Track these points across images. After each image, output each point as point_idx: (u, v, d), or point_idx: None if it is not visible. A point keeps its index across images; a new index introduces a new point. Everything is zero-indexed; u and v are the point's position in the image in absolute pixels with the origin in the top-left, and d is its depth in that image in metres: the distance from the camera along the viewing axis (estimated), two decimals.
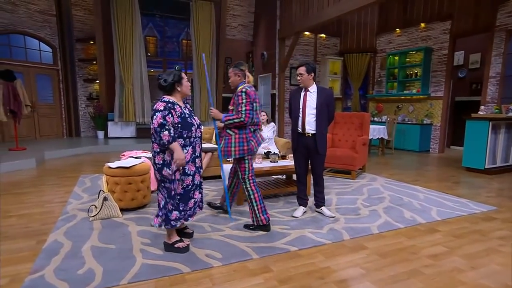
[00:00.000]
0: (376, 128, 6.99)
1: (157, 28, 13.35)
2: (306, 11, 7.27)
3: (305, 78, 2.94)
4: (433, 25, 7.64)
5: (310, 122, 2.97)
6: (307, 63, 2.94)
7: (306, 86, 2.98)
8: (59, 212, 3.20)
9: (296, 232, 2.76)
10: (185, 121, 2.27)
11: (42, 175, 4.89)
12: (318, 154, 3.02)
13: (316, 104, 2.95)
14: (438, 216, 3.22)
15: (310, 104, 2.97)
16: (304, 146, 3.04)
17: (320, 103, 2.94)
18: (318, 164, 3.08)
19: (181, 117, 2.26)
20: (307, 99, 2.98)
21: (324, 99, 2.96)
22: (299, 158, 3.14)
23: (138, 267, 2.13)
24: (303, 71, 2.92)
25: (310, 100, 2.97)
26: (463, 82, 8.33)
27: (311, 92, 2.98)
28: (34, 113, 7.97)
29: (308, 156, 3.10)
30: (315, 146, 2.98)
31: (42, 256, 2.27)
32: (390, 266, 2.21)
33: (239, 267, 2.17)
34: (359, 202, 3.68)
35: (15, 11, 7.61)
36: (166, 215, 2.31)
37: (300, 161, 3.15)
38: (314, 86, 3.00)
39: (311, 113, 2.97)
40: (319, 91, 2.98)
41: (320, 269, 2.17)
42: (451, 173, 5.36)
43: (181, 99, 2.37)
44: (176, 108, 2.25)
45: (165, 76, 2.29)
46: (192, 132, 2.30)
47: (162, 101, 2.23)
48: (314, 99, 2.96)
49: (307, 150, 3.05)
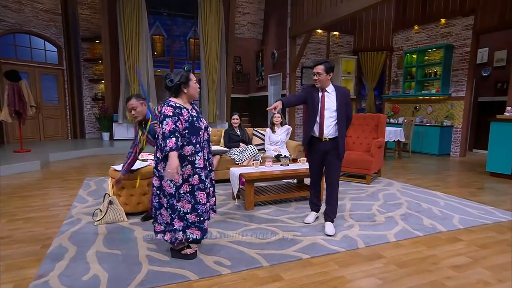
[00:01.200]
0: (392, 130, 6.91)
1: (164, 26, 13.52)
2: (318, 8, 7.26)
3: (323, 78, 2.74)
4: (454, 20, 7.52)
5: (330, 126, 2.81)
6: (325, 61, 2.77)
7: (324, 87, 2.82)
8: (63, 216, 3.26)
9: (308, 239, 2.73)
10: (192, 126, 2.22)
11: (47, 178, 4.99)
12: (336, 160, 2.87)
13: (336, 105, 2.79)
14: (461, 224, 3.16)
15: (330, 106, 2.79)
16: (321, 151, 2.88)
17: (340, 104, 2.79)
18: (335, 170, 2.89)
19: (189, 121, 2.21)
20: (326, 100, 2.79)
21: (342, 99, 2.81)
22: (313, 163, 3.04)
23: (144, 273, 2.15)
24: (321, 70, 2.72)
25: (329, 102, 2.80)
26: (487, 81, 8.16)
27: (329, 92, 2.82)
28: (39, 114, 8.16)
29: (323, 161, 2.95)
30: (335, 151, 2.83)
31: (47, 261, 2.31)
32: (408, 277, 2.17)
33: (249, 275, 2.16)
34: (375, 208, 3.63)
35: (21, 10, 7.82)
36: (175, 231, 2.26)
37: (315, 166, 3.04)
38: (331, 86, 2.85)
39: (331, 116, 2.80)
40: (337, 91, 2.83)
41: (334, 278, 2.14)
42: (474, 178, 5.25)
43: (187, 101, 2.32)
44: (184, 113, 2.20)
45: (172, 76, 2.24)
46: (200, 136, 2.26)
47: (170, 105, 2.17)
48: (334, 100, 2.79)
49: (324, 155, 2.90)
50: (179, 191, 2.23)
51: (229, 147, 4.82)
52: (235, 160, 4.55)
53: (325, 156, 2.90)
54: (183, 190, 2.23)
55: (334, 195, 2.93)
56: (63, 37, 8.69)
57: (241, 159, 4.54)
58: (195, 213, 2.26)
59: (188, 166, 2.22)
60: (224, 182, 4.54)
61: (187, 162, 2.22)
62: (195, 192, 2.25)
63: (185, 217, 2.26)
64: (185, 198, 2.24)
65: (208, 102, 9.62)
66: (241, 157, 4.56)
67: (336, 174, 2.92)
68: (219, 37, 9.46)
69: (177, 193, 2.23)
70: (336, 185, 2.92)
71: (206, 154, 2.39)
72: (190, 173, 2.23)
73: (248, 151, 4.61)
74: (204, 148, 2.33)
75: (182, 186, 2.23)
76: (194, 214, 2.26)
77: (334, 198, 2.93)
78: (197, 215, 2.27)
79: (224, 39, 9.61)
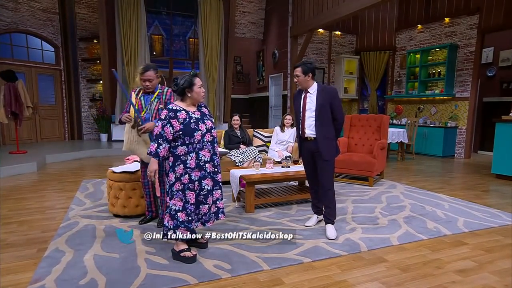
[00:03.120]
0: (395, 131, 6.91)
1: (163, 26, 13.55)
2: (320, 7, 7.27)
3: (302, 80, 2.87)
4: (458, 19, 7.53)
5: (310, 126, 2.91)
6: (303, 63, 2.87)
7: (305, 88, 2.92)
8: (60, 219, 3.26)
9: (309, 242, 2.73)
10: (187, 127, 2.32)
11: (43, 180, 4.99)
12: (322, 161, 2.89)
13: (316, 105, 2.87)
14: (466, 227, 3.15)
15: (310, 106, 2.90)
16: (309, 151, 2.98)
17: (320, 104, 2.85)
18: (323, 172, 2.90)
19: (184, 123, 2.32)
20: (307, 101, 2.92)
21: (324, 99, 2.85)
22: (305, 164, 3.12)
23: (143, 277, 2.14)
24: (299, 72, 2.85)
25: (310, 102, 2.90)
26: (493, 82, 8.16)
27: (311, 93, 2.91)
28: (35, 115, 8.17)
29: (314, 162, 3.00)
30: (319, 151, 2.88)
31: (43, 264, 2.31)
32: (412, 281, 2.17)
33: (249, 279, 2.16)
34: (377, 210, 3.63)
35: (17, 9, 7.85)
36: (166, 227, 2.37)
37: (307, 167, 3.12)
38: (315, 86, 2.92)
39: (311, 116, 2.89)
40: (319, 90, 2.89)
41: (336, 282, 2.14)
42: (479, 181, 5.24)
43: (191, 104, 2.42)
44: (179, 115, 2.32)
45: (179, 80, 2.39)
46: (195, 137, 2.34)
47: (167, 108, 2.35)
48: (314, 100, 2.89)
49: (312, 156, 2.98)
50: (172, 188, 2.35)
51: (229, 148, 4.81)
52: (235, 161, 4.55)
53: (313, 156, 2.98)
54: (175, 188, 2.34)
55: (329, 196, 2.92)
56: (60, 36, 8.71)
57: (242, 161, 4.54)
58: (185, 211, 2.36)
59: (181, 165, 2.34)
60: (224, 184, 4.52)
61: (179, 162, 2.34)
62: (185, 191, 2.35)
63: (175, 216, 2.34)
64: (177, 196, 2.35)
65: (207, 103, 9.63)
66: (241, 159, 4.56)
67: (325, 175, 2.90)
68: (219, 36, 9.48)
69: (170, 191, 2.34)
70: (327, 186, 2.90)
71: (208, 156, 2.41)
72: (182, 172, 2.34)
73: (248, 152, 4.60)
74: (204, 149, 2.39)
75: (175, 184, 2.34)
76: (184, 213, 2.35)
77: (330, 200, 2.93)
78: (186, 214, 2.36)
79: (224, 39, 9.63)
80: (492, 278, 2.23)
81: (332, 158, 2.93)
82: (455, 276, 2.24)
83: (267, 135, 5.32)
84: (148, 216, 3.18)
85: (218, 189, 2.51)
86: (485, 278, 2.22)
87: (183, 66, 14.03)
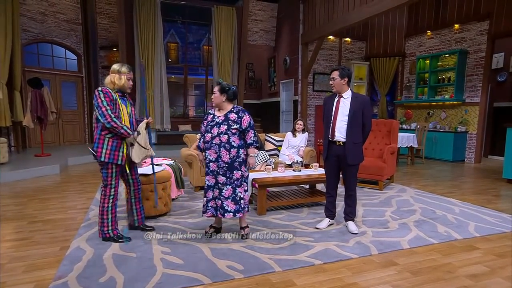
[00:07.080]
0: (405, 136, 6.80)
1: (179, 34, 13.70)
2: (330, 14, 7.25)
3: (338, 83, 2.90)
4: (468, 26, 7.38)
5: (341, 129, 2.92)
6: (341, 68, 2.93)
7: (339, 92, 2.94)
8: (81, 219, 3.32)
9: (320, 245, 2.71)
10: (206, 128, 2.79)
11: (65, 181, 5.11)
12: (348, 166, 2.95)
13: (349, 110, 2.90)
14: (477, 232, 3.07)
15: (343, 110, 2.92)
16: (335, 155, 2.99)
17: (354, 110, 2.88)
18: (349, 176, 3.02)
19: (207, 125, 2.77)
20: (340, 105, 2.94)
21: (358, 106, 2.89)
22: (329, 168, 3.10)
23: (159, 277, 2.16)
24: (336, 75, 2.90)
25: (343, 107, 2.93)
26: (503, 87, 7.95)
27: (345, 98, 2.94)
28: (59, 119, 8.39)
29: (339, 166, 3.05)
30: (345, 155, 2.92)
31: (65, 262, 2.36)
32: (423, 285, 2.12)
33: (262, 280, 2.15)
34: (388, 214, 3.57)
35: (44, 20, 8.11)
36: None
37: (330, 171, 3.11)
38: (349, 92, 2.96)
39: (343, 120, 2.91)
40: (353, 97, 2.93)
41: (347, 285, 2.11)
42: (490, 185, 5.10)
43: (217, 109, 2.79)
44: (208, 117, 2.80)
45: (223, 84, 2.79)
46: (205, 137, 2.76)
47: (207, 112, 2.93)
48: (348, 105, 2.91)
49: (338, 160, 3.00)
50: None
51: None
52: None
53: (340, 161, 3.00)
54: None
55: (352, 197, 3.08)
56: (82, 45, 8.95)
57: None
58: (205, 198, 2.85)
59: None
60: None
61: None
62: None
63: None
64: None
65: None
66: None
67: (350, 179, 3.04)
68: (232, 44, 9.56)
69: None
70: (353, 189, 3.06)
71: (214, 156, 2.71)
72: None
73: (260, 156, 4.61)
74: (209, 149, 2.72)
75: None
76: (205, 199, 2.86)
77: (353, 200, 3.09)
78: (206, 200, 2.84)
79: (237, 46, 9.70)
80: (505, 283, 2.16)
81: (358, 163, 3.00)
82: (467, 280, 2.18)
83: (278, 139, 5.31)
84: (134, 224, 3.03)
85: (217, 189, 2.75)
86: (498, 284, 2.15)
87: (197, 72, 14.18)
